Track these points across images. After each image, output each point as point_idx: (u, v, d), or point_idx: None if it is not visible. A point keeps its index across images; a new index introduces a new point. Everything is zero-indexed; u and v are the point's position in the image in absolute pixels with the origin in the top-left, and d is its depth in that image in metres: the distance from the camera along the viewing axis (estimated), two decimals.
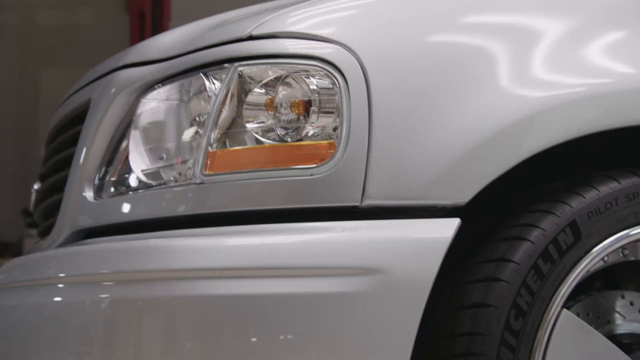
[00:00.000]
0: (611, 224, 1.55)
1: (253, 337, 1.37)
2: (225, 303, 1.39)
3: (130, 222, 1.61)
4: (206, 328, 1.38)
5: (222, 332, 1.38)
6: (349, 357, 1.35)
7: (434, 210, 1.46)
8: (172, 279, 1.43)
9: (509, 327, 1.45)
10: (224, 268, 1.41)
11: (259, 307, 1.38)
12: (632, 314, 1.76)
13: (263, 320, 1.37)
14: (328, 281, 1.37)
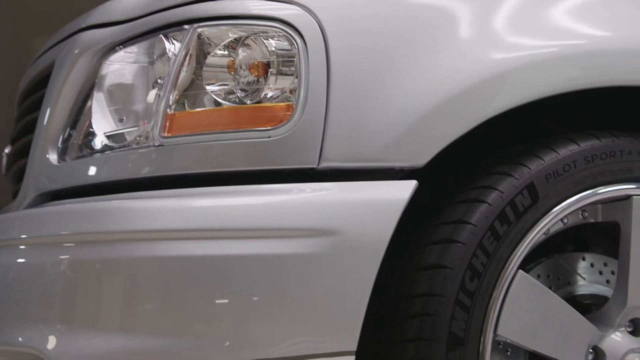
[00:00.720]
0: (569, 186, 1.54)
1: (212, 298, 1.36)
2: (184, 264, 1.38)
3: (93, 185, 1.59)
4: (166, 289, 1.37)
5: (181, 294, 1.37)
6: (304, 317, 1.34)
7: (392, 173, 1.45)
8: (132, 240, 1.42)
9: (464, 288, 1.45)
10: (183, 229, 1.39)
11: (218, 268, 1.36)
12: (592, 276, 1.75)
13: (221, 281, 1.36)
14: (284, 243, 1.36)
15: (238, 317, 1.34)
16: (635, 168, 1.58)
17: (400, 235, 1.50)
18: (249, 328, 1.34)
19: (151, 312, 1.39)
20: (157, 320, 1.37)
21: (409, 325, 1.44)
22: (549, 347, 1.50)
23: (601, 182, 1.56)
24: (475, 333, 1.43)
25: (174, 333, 1.35)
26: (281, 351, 1.33)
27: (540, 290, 1.50)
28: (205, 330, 1.34)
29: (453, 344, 1.42)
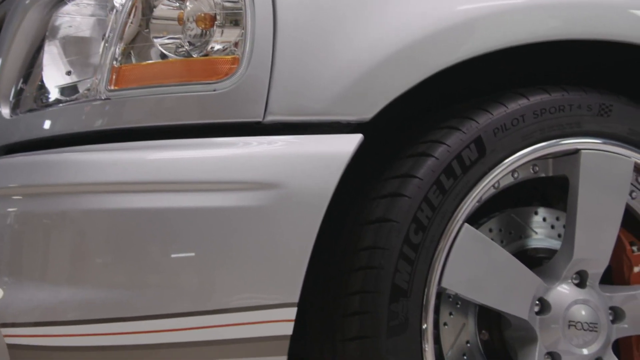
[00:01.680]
0: (517, 140, 1.52)
1: (158, 250, 1.35)
2: (131, 217, 1.36)
3: (44, 139, 1.56)
4: (112, 242, 1.35)
5: (128, 246, 1.35)
6: (247, 269, 1.33)
7: (338, 127, 1.43)
8: (79, 192, 1.40)
9: (408, 241, 1.43)
10: (130, 182, 1.37)
11: (164, 221, 1.34)
12: (544, 230, 1.75)
13: (167, 234, 1.34)
14: (227, 196, 1.34)
15: (182, 269, 1.33)
16: (585, 122, 1.57)
17: (351, 189, 1.50)
18: (193, 280, 1.33)
19: (98, 264, 1.37)
20: (103, 272, 1.36)
21: (354, 278, 1.43)
22: (493, 299, 1.49)
23: (550, 136, 1.54)
24: (419, 285, 1.43)
25: (119, 285, 1.34)
26: (224, 303, 1.32)
27: (485, 243, 1.49)
28: (150, 282, 1.33)
29: (396, 296, 1.41)
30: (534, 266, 1.62)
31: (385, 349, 1.40)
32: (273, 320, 1.33)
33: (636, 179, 1.67)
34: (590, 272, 1.59)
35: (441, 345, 1.61)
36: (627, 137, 1.59)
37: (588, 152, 1.56)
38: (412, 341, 1.41)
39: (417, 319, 1.42)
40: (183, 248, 1.34)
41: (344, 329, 1.43)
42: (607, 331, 1.57)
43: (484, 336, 1.64)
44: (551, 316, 1.54)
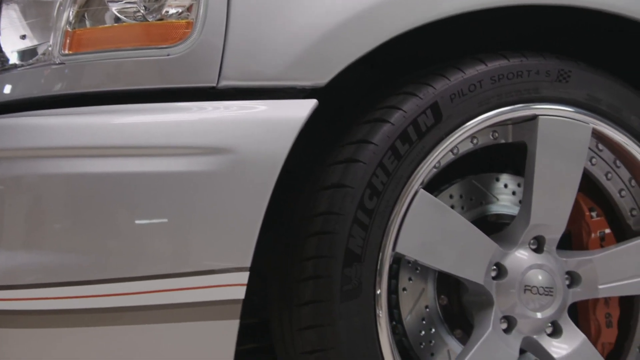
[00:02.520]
0: (473, 106, 1.50)
1: (110, 215, 1.32)
2: (84, 182, 1.33)
3: (2, 104, 1.55)
4: (65, 206, 1.34)
5: (81, 211, 1.33)
6: (199, 234, 1.32)
7: (293, 92, 1.41)
8: (35, 157, 1.37)
9: (362, 207, 1.42)
10: (83, 147, 1.35)
11: (116, 185, 1.32)
12: (505, 196, 1.74)
13: (119, 198, 1.32)
14: (179, 160, 1.32)
15: (135, 233, 1.32)
16: (543, 88, 1.55)
17: (311, 155, 1.48)
18: (146, 244, 1.31)
19: (54, 229, 1.36)
20: (58, 236, 1.34)
21: (309, 243, 1.42)
22: (448, 265, 1.49)
23: (507, 102, 1.52)
24: (372, 250, 1.42)
25: (73, 249, 1.32)
26: (176, 267, 1.31)
27: (441, 209, 1.48)
28: (103, 246, 1.31)
29: (350, 261, 1.40)
30: (495, 232, 1.62)
31: (338, 313, 1.39)
32: (225, 285, 1.32)
33: (596, 145, 1.67)
34: (548, 237, 1.58)
35: (400, 310, 1.63)
36: (586, 103, 1.58)
37: (545, 118, 1.54)
38: (365, 306, 1.41)
39: (370, 284, 1.41)
40: (136, 212, 1.32)
41: (299, 293, 1.43)
42: (563, 295, 1.57)
43: (442, 301, 1.64)
44: (507, 281, 1.54)
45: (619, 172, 1.69)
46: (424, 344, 1.62)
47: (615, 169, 1.69)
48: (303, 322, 1.42)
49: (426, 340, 1.62)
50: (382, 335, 1.42)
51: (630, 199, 1.70)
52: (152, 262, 1.32)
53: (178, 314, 1.32)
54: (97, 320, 1.32)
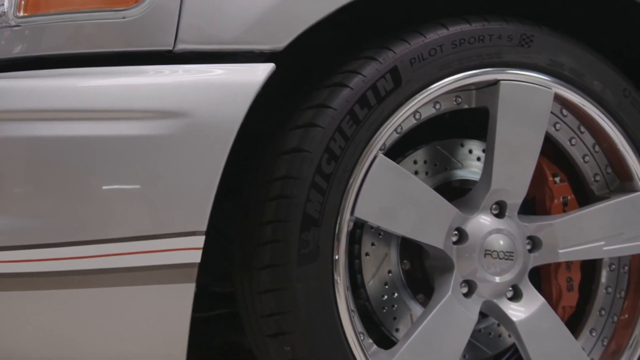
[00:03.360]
0: (433, 71, 1.48)
1: (67, 178, 1.30)
2: (36, 145, 1.30)
3: None
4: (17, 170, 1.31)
5: (33, 174, 1.31)
6: (155, 197, 1.30)
7: (251, 56, 1.38)
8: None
9: (320, 171, 1.41)
10: (37, 110, 1.31)
11: (70, 149, 1.30)
12: (470, 162, 1.73)
13: (74, 162, 1.30)
14: (134, 124, 1.29)
15: (90, 197, 1.30)
16: (505, 53, 1.53)
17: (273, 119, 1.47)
18: (101, 208, 1.30)
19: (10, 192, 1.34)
20: (12, 200, 1.32)
21: (267, 207, 1.41)
22: (407, 229, 1.48)
23: (468, 66, 1.50)
24: (330, 215, 1.41)
25: (27, 213, 1.30)
26: (132, 231, 1.29)
27: (400, 173, 1.47)
28: (59, 210, 1.30)
29: (307, 225, 1.39)
30: (460, 197, 1.62)
31: (296, 277, 1.39)
32: (181, 248, 1.30)
33: (561, 110, 1.65)
34: (509, 202, 1.57)
35: (363, 275, 1.62)
36: (548, 68, 1.56)
37: (507, 82, 1.52)
38: (322, 270, 1.40)
39: (328, 249, 1.40)
40: (91, 176, 1.31)
41: (258, 257, 1.41)
42: (523, 260, 1.56)
43: (405, 266, 1.63)
44: (468, 245, 1.53)
45: (583, 138, 1.67)
46: (387, 308, 1.62)
47: (579, 135, 1.67)
48: (262, 286, 1.42)
49: (389, 304, 1.62)
50: (340, 300, 1.41)
51: (594, 165, 1.69)
52: (108, 226, 1.30)
53: (135, 277, 1.31)
54: (53, 284, 1.31)
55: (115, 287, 1.31)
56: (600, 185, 1.70)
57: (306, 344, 1.40)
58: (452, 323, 1.50)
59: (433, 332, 1.49)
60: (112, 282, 1.31)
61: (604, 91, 1.60)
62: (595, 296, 1.69)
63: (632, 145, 1.63)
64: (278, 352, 1.43)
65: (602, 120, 1.61)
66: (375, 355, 1.50)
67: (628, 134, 1.63)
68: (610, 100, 1.61)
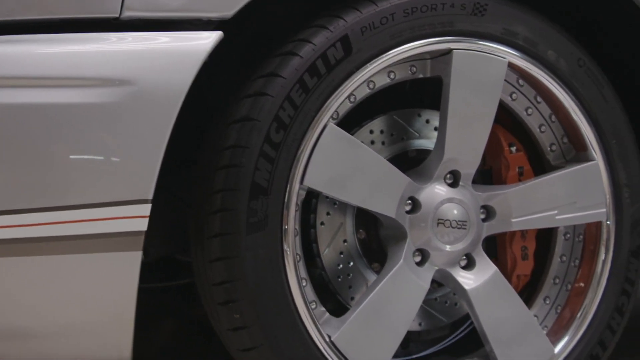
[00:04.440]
0: (385, 39, 1.46)
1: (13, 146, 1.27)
2: None
3: None
4: None
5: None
6: (100, 166, 1.28)
7: (200, 24, 1.36)
8: None
9: (269, 140, 1.39)
10: None
11: (16, 116, 1.27)
12: (427, 132, 1.71)
13: (19, 129, 1.27)
14: (79, 91, 1.27)
15: (35, 165, 1.28)
16: (458, 21, 1.51)
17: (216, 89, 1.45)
18: (45, 176, 1.28)
19: None
20: None
21: (217, 176, 1.39)
22: (358, 198, 1.46)
23: (420, 35, 1.48)
24: (279, 183, 1.39)
25: None
26: (77, 199, 1.28)
27: (350, 143, 1.45)
28: (4, 177, 1.27)
29: (256, 193, 1.38)
30: (413, 167, 1.61)
31: (245, 245, 1.37)
32: (127, 217, 1.29)
33: (517, 80, 1.63)
34: (463, 172, 1.55)
35: (318, 244, 1.61)
36: (502, 37, 1.53)
37: (460, 52, 1.50)
38: (271, 239, 1.39)
39: (277, 218, 1.39)
40: (37, 144, 1.28)
41: (209, 226, 1.40)
42: (477, 229, 1.55)
43: (361, 235, 1.62)
44: (421, 214, 1.52)
45: (539, 108, 1.66)
46: (342, 277, 1.61)
47: (535, 104, 1.66)
48: (212, 254, 1.40)
49: (344, 273, 1.61)
50: (289, 270, 1.41)
51: (550, 134, 1.67)
52: (54, 194, 1.28)
53: (82, 245, 1.30)
54: (1, 252, 1.30)
55: (63, 255, 1.29)
56: (557, 155, 1.69)
57: (255, 312, 1.39)
58: (403, 291, 1.50)
59: (383, 300, 1.48)
60: (60, 250, 1.30)
61: (558, 60, 1.58)
62: (550, 265, 1.68)
63: (586, 115, 1.62)
64: (228, 320, 1.42)
65: (557, 89, 1.60)
66: (328, 323, 1.50)
67: (582, 103, 1.62)
68: (564, 70, 1.59)
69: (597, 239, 1.66)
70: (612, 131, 1.63)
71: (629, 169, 1.65)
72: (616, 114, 1.64)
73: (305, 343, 1.42)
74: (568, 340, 1.62)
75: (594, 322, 1.62)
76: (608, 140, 1.63)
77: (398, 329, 1.49)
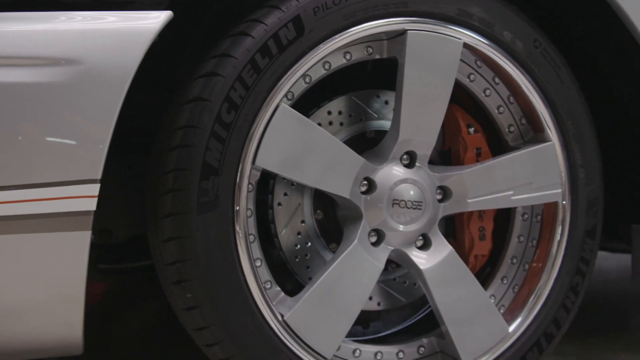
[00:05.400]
0: (338, 20, 1.44)
1: None
2: None
3: None
4: None
5: None
6: (49, 145, 1.26)
7: (149, 3, 1.34)
8: None
9: (220, 120, 1.38)
10: None
11: None
12: (386, 112, 1.71)
13: None
14: (26, 71, 1.26)
15: None
16: (411, 2, 1.49)
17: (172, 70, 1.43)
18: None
19: None
20: None
21: (170, 156, 1.38)
22: (312, 178, 1.45)
23: (374, 16, 1.46)
24: (231, 164, 1.38)
25: None
26: (26, 178, 1.26)
27: (303, 123, 1.44)
28: None
29: (207, 173, 1.37)
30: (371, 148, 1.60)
31: (195, 225, 1.36)
32: (75, 196, 1.28)
33: (475, 61, 1.62)
34: (419, 153, 1.54)
35: (276, 224, 1.61)
36: (457, 18, 1.52)
37: (414, 32, 1.49)
38: (222, 219, 1.38)
39: (229, 198, 1.38)
40: None
41: (162, 206, 1.40)
42: (432, 209, 1.54)
43: (318, 216, 1.61)
44: (376, 195, 1.51)
45: (497, 89, 1.64)
46: (300, 258, 1.60)
47: (494, 86, 1.64)
48: (165, 234, 1.39)
49: (302, 254, 1.60)
50: (242, 250, 1.40)
51: (509, 116, 1.66)
52: (2, 174, 1.28)
53: (32, 224, 1.28)
54: None
55: (11, 235, 1.28)
56: (515, 136, 1.68)
57: (206, 292, 1.38)
58: (357, 271, 1.49)
59: (337, 280, 1.47)
60: (8, 230, 1.28)
61: (514, 42, 1.57)
62: (508, 245, 1.67)
63: (542, 96, 1.61)
64: (182, 299, 1.41)
65: (513, 71, 1.58)
66: (283, 303, 1.49)
67: (539, 85, 1.61)
68: (520, 51, 1.58)
69: (553, 219, 1.66)
70: (568, 112, 1.63)
71: (584, 150, 1.64)
72: (572, 96, 1.63)
73: (257, 322, 1.42)
74: (523, 319, 1.61)
75: (549, 302, 1.62)
76: (564, 122, 1.62)
77: (351, 308, 1.48)
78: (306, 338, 1.45)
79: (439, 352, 1.62)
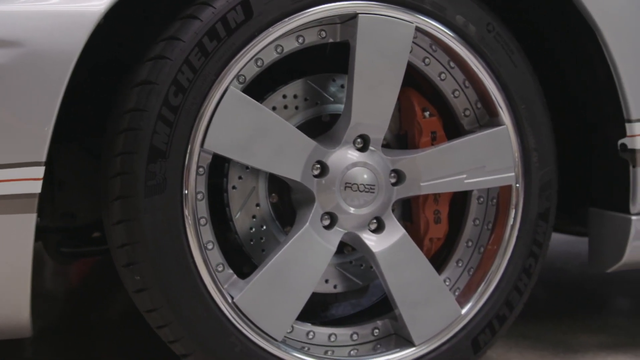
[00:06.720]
0: (287, 3, 1.42)
1: None
2: None
3: None
4: None
5: None
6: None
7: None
8: None
9: (167, 103, 1.36)
10: None
11: None
12: (341, 96, 1.67)
13: None
14: None
15: None
16: None
17: None
18: None
19: None
20: None
21: (118, 140, 1.37)
22: (261, 161, 1.43)
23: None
24: (178, 146, 1.36)
25: None
26: None
27: (253, 106, 1.42)
28: None
29: (154, 157, 1.35)
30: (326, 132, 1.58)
31: (143, 208, 1.35)
32: (19, 179, 1.26)
33: (430, 45, 1.61)
34: (372, 136, 1.53)
35: (230, 208, 1.59)
36: (408, 2, 1.49)
37: (365, 16, 1.46)
38: (170, 202, 1.36)
39: (177, 181, 1.37)
40: None
41: (111, 189, 1.38)
42: (385, 192, 1.53)
43: (273, 199, 1.60)
44: (328, 178, 1.50)
45: (453, 73, 1.62)
46: (255, 241, 1.58)
47: (449, 70, 1.62)
48: (114, 217, 1.38)
49: (257, 237, 1.59)
50: (190, 233, 1.38)
51: (464, 100, 1.64)
52: None
53: None
54: None
55: None
56: (471, 120, 1.66)
57: (155, 274, 1.37)
58: (308, 253, 1.48)
59: (287, 262, 1.46)
60: None
61: (466, 25, 1.55)
62: (464, 228, 1.66)
63: (496, 81, 1.59)
64: (132, 282, 1.40)
65: (466, 55, 1.56)
66: (234, 285, 1.47)
67: (492, 69, 1.58)
68: (473, 35, 1.56)
69: (508, 202, 1.65)
70: (521, 96, 1.61)
71: (538, 134, 1.63)
72: (526, 80, 1.61)
73: (206, 304, 1.41)
74: (475, 301, 1.60)
75: (502, 284, 1.61)
76: (517, 105, 1.61)
77: (302, 290, 1.47)
78: (256, 320, 1.44)
79: (393, 334, 1.61)
